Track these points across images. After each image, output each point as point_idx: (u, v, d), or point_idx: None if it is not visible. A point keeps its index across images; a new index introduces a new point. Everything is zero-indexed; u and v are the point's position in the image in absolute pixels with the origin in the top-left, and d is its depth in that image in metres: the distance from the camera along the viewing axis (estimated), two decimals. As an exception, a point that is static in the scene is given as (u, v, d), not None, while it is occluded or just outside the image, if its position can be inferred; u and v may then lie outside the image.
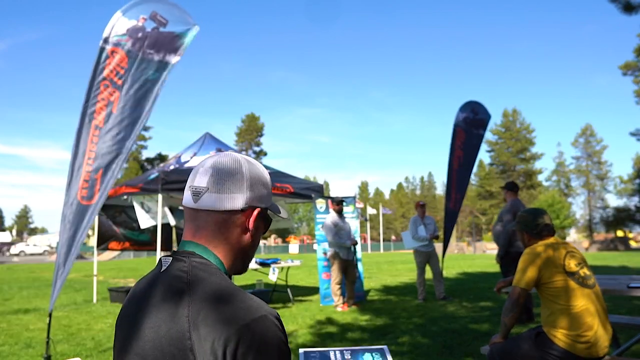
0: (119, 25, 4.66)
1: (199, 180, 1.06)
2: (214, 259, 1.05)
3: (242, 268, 1.14)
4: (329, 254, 7.85)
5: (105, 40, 4.66)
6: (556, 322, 2.66)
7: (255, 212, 1.08)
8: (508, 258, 6.31)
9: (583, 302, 2.63)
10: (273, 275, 8.28)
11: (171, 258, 1.05)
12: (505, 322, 2.88)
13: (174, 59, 4.70)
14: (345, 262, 7.74)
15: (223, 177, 1.06)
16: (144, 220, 8.04)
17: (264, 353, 0.88)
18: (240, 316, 0.89)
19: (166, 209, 7.83)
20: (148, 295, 1.02)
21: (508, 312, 2.85)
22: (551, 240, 2.89)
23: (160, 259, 1.08)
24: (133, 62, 4.62)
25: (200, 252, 1.05)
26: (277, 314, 0.95)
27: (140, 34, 4.62)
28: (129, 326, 1.03)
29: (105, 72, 4.62)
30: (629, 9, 7.75)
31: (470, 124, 9.38)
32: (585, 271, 2.77)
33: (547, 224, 2.92)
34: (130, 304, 1.07)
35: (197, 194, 1.06)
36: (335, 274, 7.68)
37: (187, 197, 1.08)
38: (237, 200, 1.06)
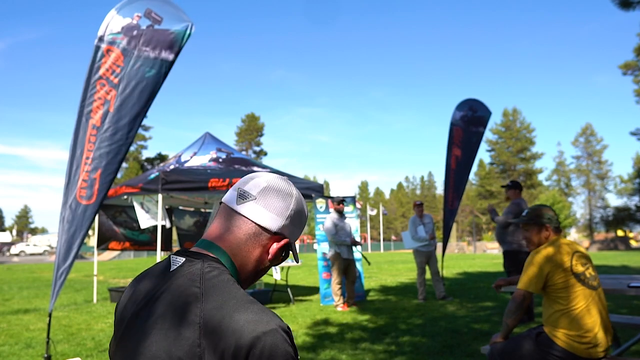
0: (113, 23, 4.65)
1: (251, 187, 1.08)
2: (230, 267, 1.04)
3: (246, 286, 1.13)
4: (330, 254, 7.84)
5: (100, 39, 4.65)
6: (558, 322, 2.64)
7: (283, 242, 1.09)
8: (510, 257, 6.31)
9: (586, 304, 2.61)
10: (276, 274, 8.29)
11: (183, 258, 1.02)
12: (508, 324, 2.86)
13: (170, 56, 4.69)
14: (346, 262, 7.74)
15: (274, 195, 1.08)
16: (144, 221, 8.04)
17: None
18: (251, 328, 0.89)
19: (162, 211, 7.83)
20: (156, 295, 0.99)
21: (511, 314, 2.82)
22: (561, 239, 2.83)
23: (169, 256, 1.05)
24: (129, 60, 4.60)
25: (218, 256, 1.04)
26: (289, 328, 0.94)
27: (135, 32, 4.61)
28: (133, 327, 0.99)
29: (101, 71, 4.60)
30: (626, 5, 7.74)
31: (469, 122, 9.34)
32: (590, 272, 2.74)
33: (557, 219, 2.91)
34: (133, 302, 1.04)
35: (243, 197, 1.07)
36: (335, 274, 7.68)
37: (231, 196, 1.09)
38: (275, 222, 1.07)
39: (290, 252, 1.17)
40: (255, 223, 1.06)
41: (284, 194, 1.09)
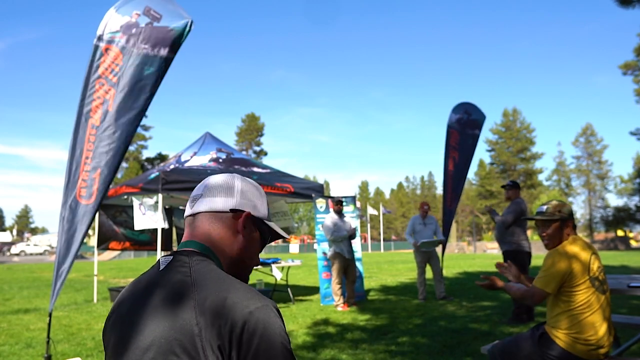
0: (112, 22, 4.63)
1: (196, 191, 1.19)
2: (213, 257, 1.10)
3: (242, 271, 1.18)
4: (329, 253, 7.84)
5: (99, 38, 4.63)
6: (563, 322, 2.62)
7: (244, 215, 1.15)
8: (510, 257, 6.31)
9: (595, 307, 2.58)
10: (277, 274, 8.30)
11: (171, 257, 1.09)
12: (513, 296, 2.86)
13: (169, 54, 4.67)
14: (346, 262, 7.74)
15: (216, 185, 1.18)
16: (140, 222, 7.98)
17: (267, 338, 0.94)
18: (244, 304, 0.96)
19: (161, 212, 7.79)
20: (149, 291, 1.03)
21: (522, 300, 2.82)
22: (578, 237, 2.76)
23: (158, 259, 1.11)
24: (128, 59, 4.58)
25: (201, 250, 1.10)
26: (275, 303, 1.02)
27: (134, 30, 4.59)
28: (127, 323, 1.03)
29: (100, 70, 4.59)
30: (626, 2, 7.76)
31: (465, 125, 9.44)
32: (602, 275, 2.70)
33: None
34: (127, 302, 1.07)
35: (193, 201, 1.18)
36: (335, 274, 7.68)
37: (186, 210, 1.20)
38: (226, 202, 1.15)
39: (275, 231, 1.23)
40: (210, 212, 1.14)
41: (226, 180, 1.19)
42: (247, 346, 0.92)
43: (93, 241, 10.80)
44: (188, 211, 1.18)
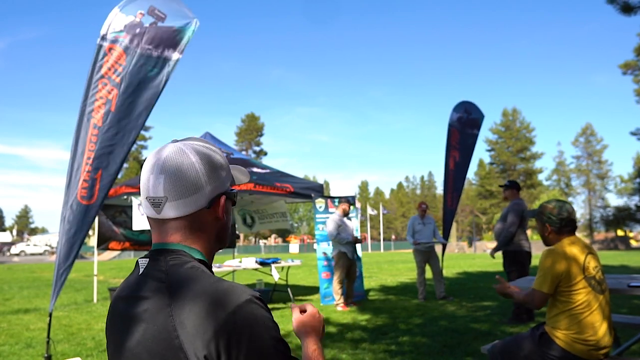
0: (116, 21, 4.60)
1: (154, 189, 1.00)
2: (189, 250, 1.02)
3: (220, 247, 1.11)
4: (333, 253, 7.84)
5: (103, 38, 4.61)
6: (562, 322, 2.62)
7: (222, 201, 1.04)
8: (510, 257, 6.31)
9: (594, 307, 2.58)
10: (276, 275, 8.30)
11: (148, 258, 1.02)
12: (517, 302, 2.88)
13: (174, 55, 4.63)
14: (349, 262, 7.75)
15: (178, 179, 0.99)
16: (138, 223, 7.97)
17: (256, 335, 0.89)
18: (225, 305, 0.89)
19: None
20: (131, 299, 1.00)
21: (524, 304, 2.82)
22: (575, 238, 2.75)
23: (137, 261, 1.05)
24: (131, 59, 4.55)
25: (177, 248, 1.02)
26: (258, 293, 0.95)
27: (138, 30, 4.55)
28: (117, 332, 1.02)
29: (103, 70, 4.57)
30: (627, 10, 7.76)
31: (465, 124, 9.48)
32: (600, 275, 2.69)
33: (573, 219, 2.76)
34: (115, 309, 1.05)
35: (157, 205, 1.00)
36: (338, 273, 7.68)
37: (147, 209, 1.03)
38: (201, 199, 1.01)
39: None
40: (186, 216, 1.01)
41: (184, 167, 0.99)
42: (237, 349, 0.87)
43: (93, 241, 10.78)
44: (153, 214, 1.02)
